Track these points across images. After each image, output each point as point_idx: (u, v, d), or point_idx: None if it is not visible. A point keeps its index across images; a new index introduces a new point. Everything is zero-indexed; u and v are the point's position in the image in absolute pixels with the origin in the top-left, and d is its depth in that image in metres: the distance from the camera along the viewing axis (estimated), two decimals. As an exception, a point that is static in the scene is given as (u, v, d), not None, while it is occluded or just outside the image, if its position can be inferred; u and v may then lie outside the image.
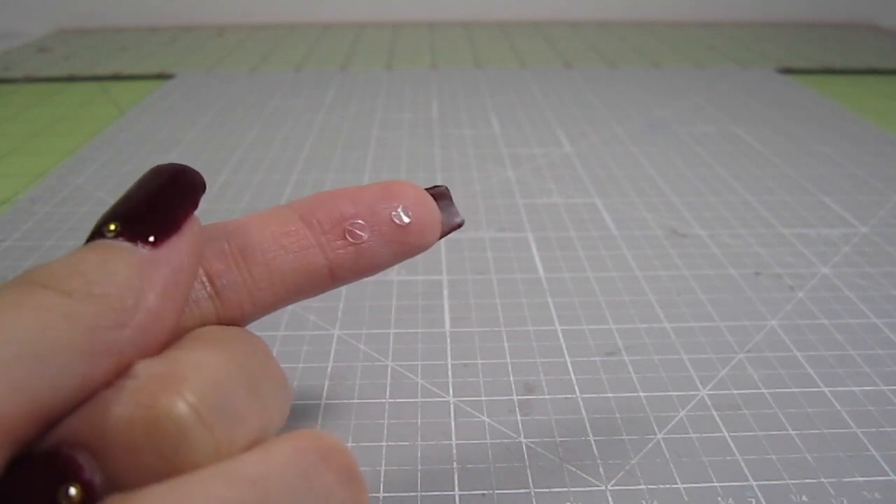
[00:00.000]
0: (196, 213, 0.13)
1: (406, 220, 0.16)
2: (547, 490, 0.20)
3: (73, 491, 0.10)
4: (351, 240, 0.16)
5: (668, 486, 0.20)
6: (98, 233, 0.13)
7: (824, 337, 0.27)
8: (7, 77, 0.65)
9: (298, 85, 0.62)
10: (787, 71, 0.67)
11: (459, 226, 0.17)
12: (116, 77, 0.65)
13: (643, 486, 0.20)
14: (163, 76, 0.65)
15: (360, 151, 0.46)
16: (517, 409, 0.23)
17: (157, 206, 0.13)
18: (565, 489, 0.20)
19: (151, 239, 0.12)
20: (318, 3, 0.92)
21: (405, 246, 0.16)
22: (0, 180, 0.42)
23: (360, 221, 0.16)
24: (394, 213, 0.16)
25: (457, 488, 0.20)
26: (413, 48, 0.78)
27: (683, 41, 0.81)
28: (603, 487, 0.20)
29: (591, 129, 0.51)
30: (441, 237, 0.17)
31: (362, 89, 0.60)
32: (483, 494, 0.20)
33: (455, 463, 0.21)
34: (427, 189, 0.17)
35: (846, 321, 0.28)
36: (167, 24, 0.90)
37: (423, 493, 0.20)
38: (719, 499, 0.20)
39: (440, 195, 0.17)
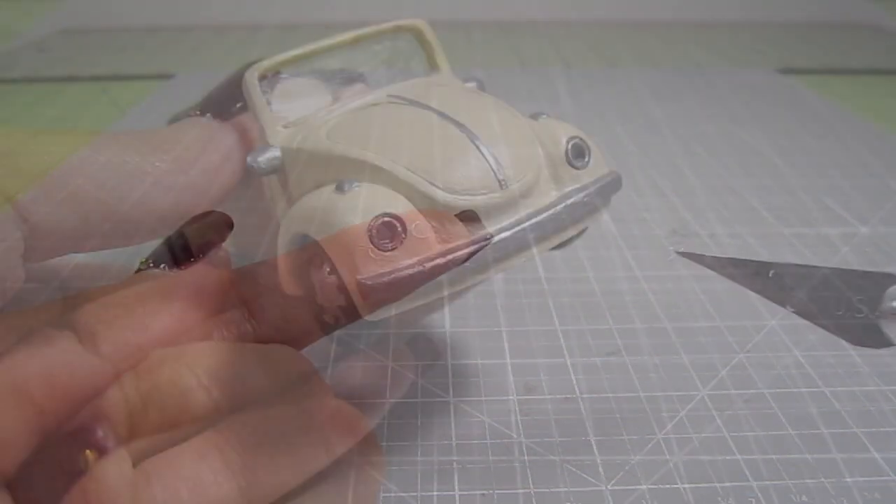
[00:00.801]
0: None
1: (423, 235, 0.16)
2: (547, 490, 0.20)
3: (90, 454, 0.12)
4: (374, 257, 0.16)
5: (668, 486, 0.20)
6: (137, 271, 0.15)
7: (824, 337, 0.27)
8: (7, 77, 0.65)
9: (298, 85, 0.62)
10: (787, 71, 0.67)
11: (488, 241, 0.17)
12: (116, 77, 0.65)
13: (643, 486, 0.20)
14: (163, 76, 0.65)
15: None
16: (517, 409, 0.23)
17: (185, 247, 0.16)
18: (565, 489, 0.20)
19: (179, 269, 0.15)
20: (318, 3, 0.92)
21: (432, 262, 0.16)
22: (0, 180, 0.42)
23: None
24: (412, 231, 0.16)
25: (457, 488, 0.20)
26: (413, 48, 0.78)
27: (683, 41, 0.81)
28: (603, 487, 0.20)
29: (591, 129, 0.50)
30: (470, 256, 0.17)
31: (362, 89, 0.60)
32: (483, 494, 0.20)
33: (455, 463, 0.21)
34: (455, 215, 0.17)
35: (846, 321, 0.28)
36: (167, 24, 0.90)
37: (423, 493, 0.20)
38: (719, 499, 0.20)
39: (467, 218, 0.17)
